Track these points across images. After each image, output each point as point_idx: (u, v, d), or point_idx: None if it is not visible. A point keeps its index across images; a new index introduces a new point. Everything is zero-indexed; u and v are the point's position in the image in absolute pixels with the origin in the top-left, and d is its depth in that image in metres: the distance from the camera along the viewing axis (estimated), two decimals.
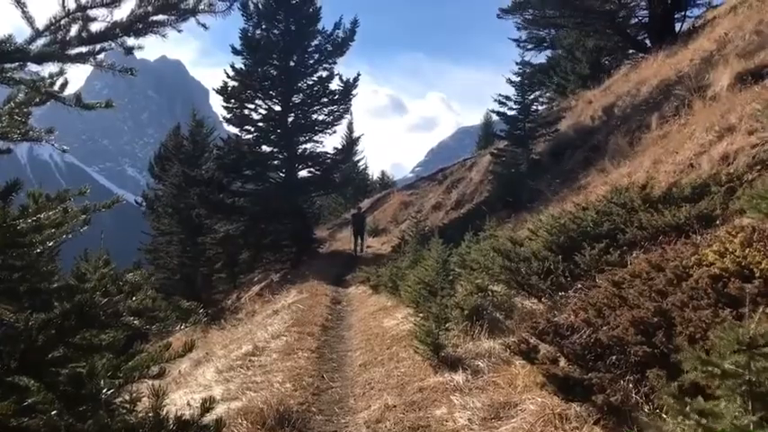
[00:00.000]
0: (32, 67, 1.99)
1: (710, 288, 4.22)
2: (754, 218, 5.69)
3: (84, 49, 1.96)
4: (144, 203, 36.00)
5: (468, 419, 5.15)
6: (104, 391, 2.15)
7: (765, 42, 11.15)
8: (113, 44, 2.07)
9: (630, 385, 4.15)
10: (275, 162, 27.15)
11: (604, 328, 4.65)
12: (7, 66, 1.91)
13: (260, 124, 26.65)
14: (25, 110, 2.14)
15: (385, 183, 61.45)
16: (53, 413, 1.98)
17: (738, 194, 6.70)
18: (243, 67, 25.87)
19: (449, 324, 7.81)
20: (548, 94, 32.32)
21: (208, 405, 2.34)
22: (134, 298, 2.41)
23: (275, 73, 26.29)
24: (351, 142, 30.75)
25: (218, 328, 15.29)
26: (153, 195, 35.21)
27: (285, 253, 26.57)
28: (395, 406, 6.11)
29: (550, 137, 20.51)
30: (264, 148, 27.27)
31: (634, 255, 6.84)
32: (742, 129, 8.62)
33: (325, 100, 26.71)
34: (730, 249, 4.62)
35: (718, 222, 6.49)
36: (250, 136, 26.75)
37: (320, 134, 27.12)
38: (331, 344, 9.98)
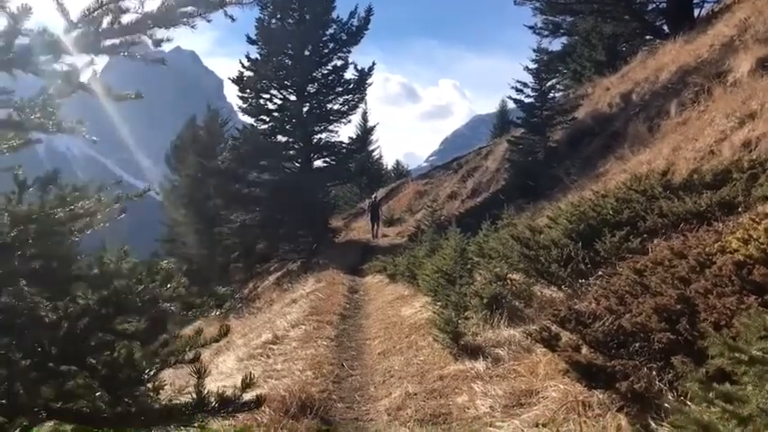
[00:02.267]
0: (66, 58, 2.03)
1: (734, 275, 4.19)
2: None
3: (117, 41, 1.99)
4: (160, 194, 36.21)
5: (490, 407, 5.16)
6: (146, 371, 2.20)
7: None
8: (144, 36, 2.09)
9: (654, 372, 4.14)
10: (291, 152, 27.25)
11: (627, 315, 4.64)
12: (42, 58, 1.94)
13: (275, 114, 26.73)
14: (57, 101, 2.17)
15: (399, 172, 61.36)
16: (97, 394, 2.03)
17: (761, 181, 6.63)
18: (258, 57, 25.95)
19: (468, 312, 7.83)
20: (564, 82, 32.03)
21: (248, 381, 2.38)
22: (168, 285, 2.45)
23: (290, 62, 26.35)
24: (366, 131, 30.78)
25: (237, 317, 15.40)
26: (169, 186, 35.43)
27: (301, 242, 26.67)
28: (415, 394, 6.15)
29: (567, 124, 20.37)
30: (280, 138, 27.37)
31: (655, 242, 6.80)
32: (764, 115, 8.52)
33: (340, 89, 26.75)
34: (754, 236, 4.59)
35: (740, 209, 6.43)
36: (266, 126, 26.84)
37: (335, 124, 27.19)
38: (349, 332, 10.04)
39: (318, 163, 27.52)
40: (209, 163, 28.45)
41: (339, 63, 26.71)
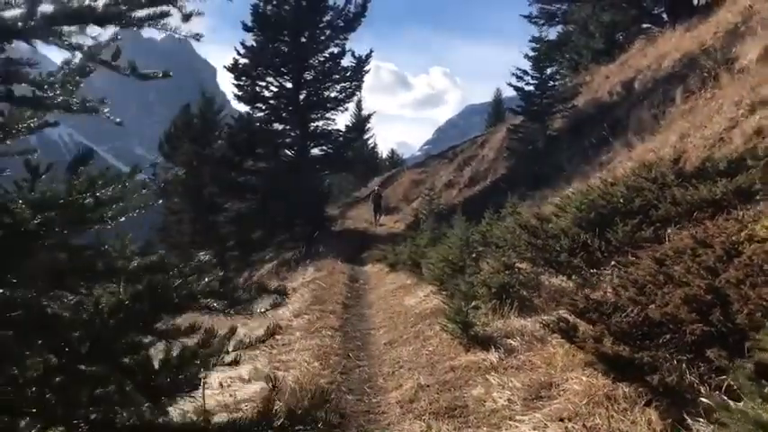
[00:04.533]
0: (91, 32, 1.85)
1: (767, 265, 4.06)
2: None
3: (150, 11, 1.81)
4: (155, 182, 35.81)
5: (508, 400, 5.02)
6: (186, 375, 2.03)
7: None
8: (174, 8, 1.92)
9: (684, 365, 4.01)
10: (287, 140, 27.02)
11: (651, 306, 4.51)
12: (66, 29, 1.77)
13: (271, 102, 26.49)
14: (77, 79, 1.99)
15: (394, 161, 61.35)
16: (139, 407, 1.86)
17: None
18: (254, 44, 25.65)
19: (475, 302, 7.70)
20: (560, 71, 31.88)
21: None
22: (205, 279, 2.29)
23: (286, 50, 26.04)
24: (363, 120, 30.59)
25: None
26: (163, 174, 35.08)
27: (298, 231, 26.49)
28: (428, 385, 6.01)
29: (567, 113, 20.26)
30: (276, 125, 27.13)
31: (669, 231, 6.67)
32: None
33: (337, 77, 26.49)
34: None
35: (758, 197, 6.30)
36: (262, 114, 26.60)
37: (332, 111, 26.94)
38: (353, 322, 9.90)
39: (315, 151, 27.32)
40: (203, 151, 28.21)
41: (336, 50, 26.41)
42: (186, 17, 2.03)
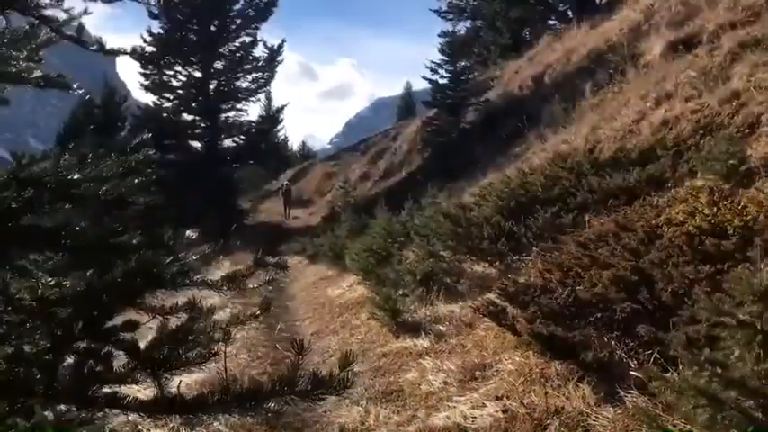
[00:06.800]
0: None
1: (686, 246, 4.34)
2: (710, 179, 5.91)
3: None
4: None
5: (444, 382, 5.13)
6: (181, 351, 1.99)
7: (693, 13, 11.51)
8: None
9: (614, 342, 4.23)
10: (197, 131, 26.33)
11: (579, 287, 4.72)
12: (44, 1, 1.67)
13: (180, 91, 25.72)
14: (41, 53, 1.89)
15: (305, 154, 60.96)
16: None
17: (687, 158, 6.92)
18: (161, 32, 24.81)
19: (404, 290, 7.81)
20: (471, 65, 32.51)
21: (348, 360, 2.19)
22: (194, 256, 2.24)
23: (195, 38, 25.34)
24: (277, 111, 30.21)
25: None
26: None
27: (209, 225, 25.86)
28: (361, 372, 6.04)
29: (480, 106, 20.72)
30: (185, 116, 26.37)
31: (587, 217, 6.98)
32: (679, 96, 8.90)
33: (249, 66, 26.03)
34: (699, 209, 4.77)
35: (669, 185, 6.69)
36: (170, 104, 25.78)
37: (244, 102, 26.48)
38: (277, 314, 9.80)
39: (227, 143, 26.77)
40: (107, 142, 27.06)
41: (247, 40, 25.97)
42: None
